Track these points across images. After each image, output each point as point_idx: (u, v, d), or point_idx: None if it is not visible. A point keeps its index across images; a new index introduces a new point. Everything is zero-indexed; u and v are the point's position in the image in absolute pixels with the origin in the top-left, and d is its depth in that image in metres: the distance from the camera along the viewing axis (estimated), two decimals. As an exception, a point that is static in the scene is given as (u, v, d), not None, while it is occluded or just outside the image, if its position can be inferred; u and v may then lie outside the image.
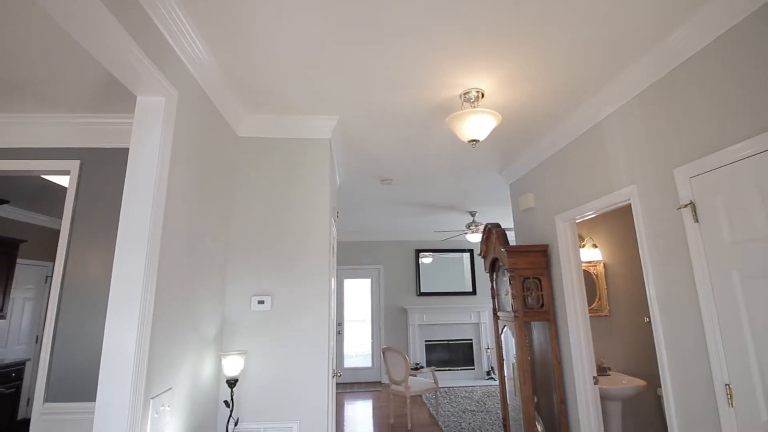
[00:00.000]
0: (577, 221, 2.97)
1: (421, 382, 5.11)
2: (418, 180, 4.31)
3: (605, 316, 3.52)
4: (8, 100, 2.40)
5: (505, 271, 3.20)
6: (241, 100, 2.45)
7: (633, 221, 2.28)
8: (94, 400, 2.21)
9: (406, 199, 5.21)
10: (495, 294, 3.56)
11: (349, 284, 7.70)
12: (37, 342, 5.33)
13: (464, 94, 2.39)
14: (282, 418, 2.29)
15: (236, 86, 2.28)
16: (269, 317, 2.42)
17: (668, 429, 2.00)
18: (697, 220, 1.82)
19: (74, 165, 2.64)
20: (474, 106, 2.41)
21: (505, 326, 3.36)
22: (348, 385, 6.94)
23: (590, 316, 2.90)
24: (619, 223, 3.68)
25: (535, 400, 2.99)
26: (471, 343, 7.40)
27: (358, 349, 7.52)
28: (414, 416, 5.08)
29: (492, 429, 4.49)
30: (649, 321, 3.45)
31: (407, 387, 4.71)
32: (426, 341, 7.34)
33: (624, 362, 3.45)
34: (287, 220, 2.57)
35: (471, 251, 7.86)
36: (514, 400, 3.28)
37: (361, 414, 5.34)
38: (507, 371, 3.41)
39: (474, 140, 2.33)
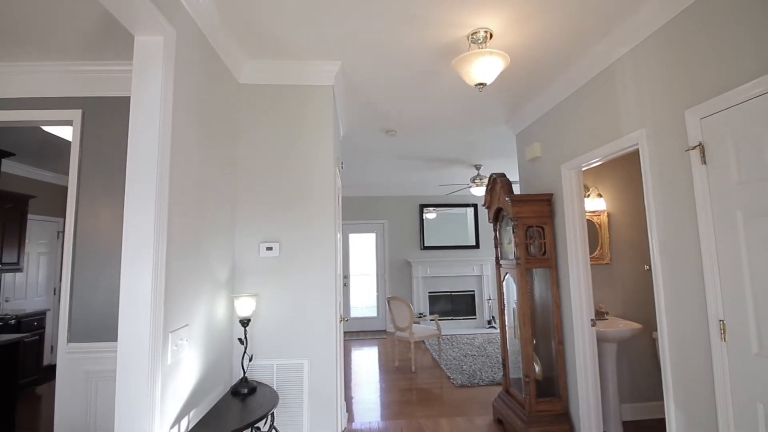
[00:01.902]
0: (583, 169, 2.95)
1: (425, 329, 5.33)
2: (423, 131, 4.24)
3: (606, 264, 3.58)
4: (4, 47, 2.34)
5: (509, 220, 3.23)
6: (240, 45, 2.37)
7: (638, 170, 2.27)
8: (112, 341, 2.36)
9: (410, 152, 5.16)
10: (498, 243, 3.62)
11: (355, 239, 7.82)
12: (54, 294, 5.55)
13: (472, 34, 2.29)
14: (293, 356, 2.42)
15: (235, 29, 2.20)
16: (278, 262, 2.49)
17: (661, 367, 2.10)
18: (704, 162, 1.81)
19: (76, 115, 2.62)
20: (482, 48, 2.32)
21: (507, 274, 3.44)
22: (355, 333, 7.25)
23: (591, 264, 2.95)
24: (624, 172, 3.66)
25: (534, 342, 3.12)
26: (473, 295, 7.62)
27: (364, 301, 7.78)
28: (417, 360, 5.35)
29: (491, 371, 4.73)
30: (649, 269, 3.52)
31: (411, 333, 4.92)
32: (429, 292, 7.57)
33: (622, 308, 3.56)
34: (292, 168, 2.58)
35: (475, 206, 7.88)
36: (514, 343, 3.42)
37: (367, 358, 5.62)
38: (508, 317, 3.53)
39: (481, 84, 2.26)
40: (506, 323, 3.54)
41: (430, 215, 7.85)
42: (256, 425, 1.81)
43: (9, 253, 4.47)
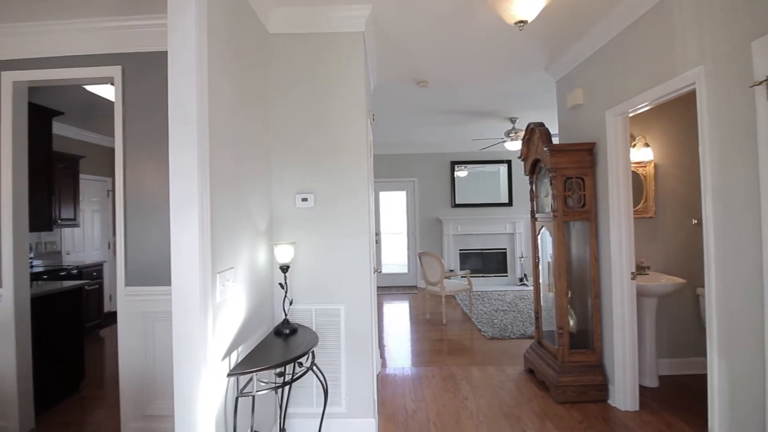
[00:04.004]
0: (630, 116, 2.76)
1: (456, 283, 5.40)
2: (456, 81, 4.07)
3: (650, 217, 3.43)
4: (45, 4, 2.38)
5: (547, 171, 3.11)
6: (269, -11, 2.31)
7: (691, 117, 2.09)
8: (163, 285, 2.53)
9: (442, 105, 4.99)
10: (534, 196, 3.52)
11: (385, 197, 7.84)
12: (108, 248, 5.97)
13: (513, -34, 2.11)
14: (330, 301, 2.53)
15: (263, -29, 2.13)
16: (313, 213, 2.54)
17: (706, 319, 2.03)
18: (773, 98, 1.64)
19: (116, 71, 2.67)
20: (523, -19, 2.14)
21: (542, 228, 3.37)
22: (386, 288, 7.45)
23: (634, 218, 2.83)
24: (675, 120, 3.40)
25: (569, 295, 3.09)
26: (505, 252, 7.57)
27: (395, 258, 7.92)
28: (448, 314, 5.46)
29: (523, 325, 4.77)
30: (698, 223, 3.33)
31: (442, 287, 5.00)
32: (460, 250, 7.58)
33: (665, 263, 3.43)
34: (324, 119, 2.56)
35: (509, 162, 7.64)
36: (547, 297, 3.41)
37: (398, 311, 5.80)
38: (542, 271, 3.50)
39: (522, 21, 2.11)
40: (540, 277, 3.51)
41: (461, 173, 7.70)
42: (298, 361, 1.92)
43: (66, 209, 4.81)
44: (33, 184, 2.92)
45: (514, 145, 5.67)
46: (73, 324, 3.30)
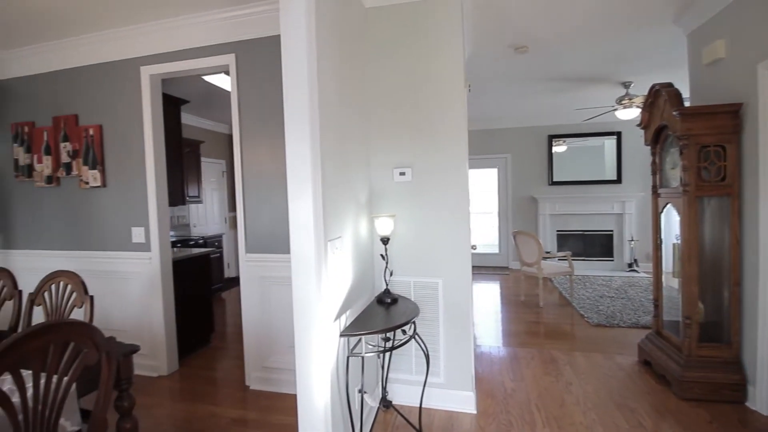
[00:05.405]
0: (797, 66, 2.25)
1: (554, 265, 5.07)
2: (560, 44, 3.71)
3: (815, 192, 2.80)
4: (168, 2, 2.68)
5: (676, 139, 2.71)
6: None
7: None
8: (277, 253, 2.78)
9: (542, 73, 4.61)
10: (657, 169, 3.10)
11: (474, 175, 7.59)
12: (225, 222, 6.75)
13: None
14: (428, 275, 2.55)
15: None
16: (411, 187, 2.56)
17: None
18: None
19: (231, 59, 2.93)
20: None
21: (667, 204, 2.96)
22: (476, 268, 7.29)
23: (793, 192, 2.34)
24: None
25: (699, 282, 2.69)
26: (611, 235, 6.87)
27: (485, 239, 7.68)
28: (545, 297, 5.17)
29: (635, 314, 4.32)
30: None
31: (539, 269, 4.73)
32: (558, 231, 7.07)
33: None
34: (421, 89, 2.52)
35: (618, 134, 6.82)
36: (670, 283, 3.03)
37: (490, 291, 5.66)
38: (665, 254, 3.10)
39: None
40: (661, 260, 3.12)
41: (559, 148, 7.10)
42: (402, 329, 1.99)
43: (192, 188, 5.53)
44: (169, 166, 3.38)
45: (628, 114, 5.03)
46: (203, 285, 3.82)
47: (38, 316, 2.08)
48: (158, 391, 2.90)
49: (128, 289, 3.22)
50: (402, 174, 2.57)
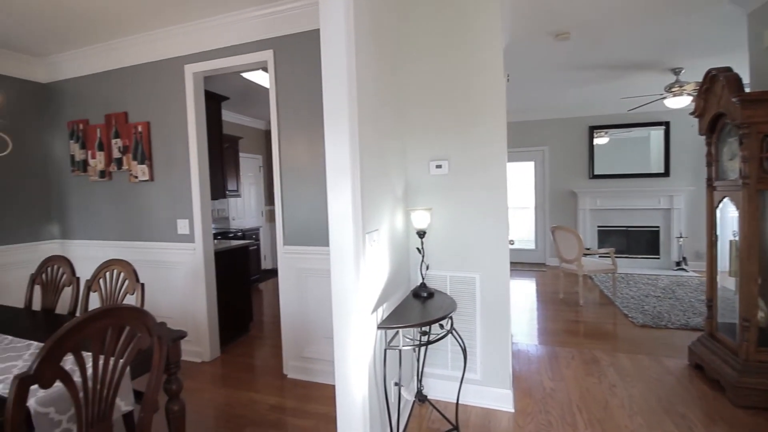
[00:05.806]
0: None
1: (596, 262, 4.87)
2: (604, 29, 3.53)
3: None
4: (210, 2, 2.76)
5: (735, 128, 2.51)
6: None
7: None
8: (314, 245, 2.82)
9: (584, 60, 4.41)
10: (713, 160, 2.89)
11: (510, 168, 7.35)
12: (262, 215, 6.94)
13: None
14: (465, 269, 2.51)
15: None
16: (447, 180, 2.52)
17: None
18: None
19: (269, 55, 2.98)
20: None
21: (723, 198, 2.76)
22: (511, 264, 7.07)
23: None
24: None
25: (759, 281, 2.50)
26: (657, 231, 6.51)
27: (521, 234, 7.49)
28: (585, 295, 4.98)
29: (684, 315, 4.08)
30: None
31: (580, 265, 4.55)
32: (599, 227, 6.78)
33: None
34: (457, 78, 2.46)
35: (666, 124, 6.43)
36: (725, 282, 2.83)
37: (526, 288, 5.51)
38: (721, 251, 2.90)
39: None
40: (716, 258, 2.92)
41: (601, 140, 6.77)
42: (439, 323, 1.96)
43: (231, 182, 5.71)
44: (210, 160, 3.50)
45: (678, 102, 4.73)
46: (242, 275, 3.95)
47: (94, 302, 2.21)
48: (201, 375, 3.04)
49: (174, 278, 3.38)
50: (438, 167, 2.53)
